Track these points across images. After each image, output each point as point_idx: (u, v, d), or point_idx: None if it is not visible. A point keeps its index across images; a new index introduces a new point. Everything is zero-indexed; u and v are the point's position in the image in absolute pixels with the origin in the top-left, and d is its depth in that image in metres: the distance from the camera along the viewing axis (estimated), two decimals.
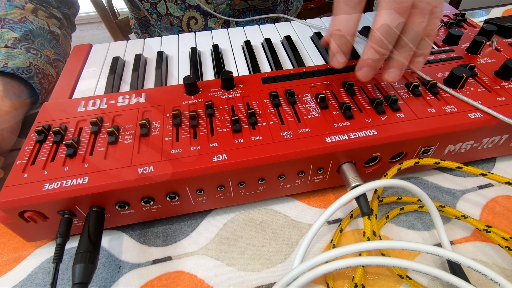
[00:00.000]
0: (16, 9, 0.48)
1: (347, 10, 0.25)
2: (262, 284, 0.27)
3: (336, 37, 0.27)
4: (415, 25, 0.25)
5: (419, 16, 0.24)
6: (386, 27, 0.24)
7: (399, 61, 0.26)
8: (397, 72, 0.27)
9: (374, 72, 0.27)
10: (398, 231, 0.30)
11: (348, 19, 0.25)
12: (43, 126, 0.29)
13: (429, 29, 0.26)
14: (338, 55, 0.27)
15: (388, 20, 0.24)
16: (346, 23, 0.26)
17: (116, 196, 0.26)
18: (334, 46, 0.27)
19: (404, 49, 0.26)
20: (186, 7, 0.57)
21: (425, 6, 0.24)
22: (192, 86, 0.32)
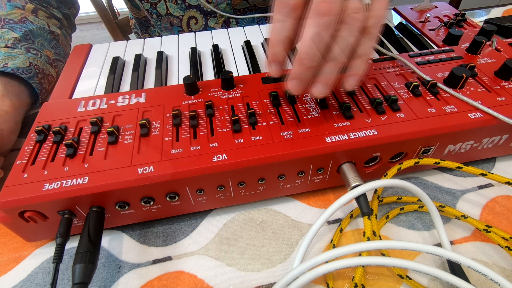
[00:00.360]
0: (16, 9, 0.48)
1: (280, 18, 0.24)
2: (262, 284, 0.27)
3: (270, 46, 0.25)
4: (341, 40, 0.24)
5: (346, 31, 0.23)
6: (309, 40, 0.23)
7: (325, 76, 0.25)
8: (323, 88, 0.25)
9: (304, 85, 0.26)
10: (398, 231, 0.30)
11: (281, 28, 0.24)
12: (43, 126, 0.29)
13: (362, 49, 0.25)
14: (273, 64, 0.26)
15: (312, 33, 0.23)
16: (279, 32, 0.24)
17: (116, 196, 0.26)
18: (269, 54, 0.26)
19: (330, 64, 0.24)
20: (186, 7, 0.57)
21: (353, 22, 0.23)
22: (192, 86, 0.32)
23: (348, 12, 0.23)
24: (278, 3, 0.23)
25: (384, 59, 0.36)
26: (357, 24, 0.23)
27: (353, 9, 0.23)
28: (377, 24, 0.25)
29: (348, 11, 0.23)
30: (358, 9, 0.23)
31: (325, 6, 0.22)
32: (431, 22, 0.45)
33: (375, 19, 0.24)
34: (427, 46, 0.40)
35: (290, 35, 0.25)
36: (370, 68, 0.35)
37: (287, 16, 0.24)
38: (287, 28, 0.24)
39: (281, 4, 0.23)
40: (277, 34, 0.24)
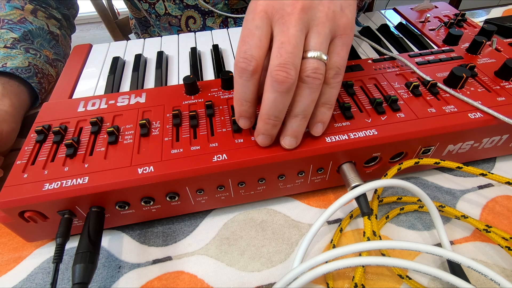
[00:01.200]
0: (16, 10, 0.48)
1: (241, 82, 0.24)
2: (262, 284, 0.27)
3: (235, 104, 0.26)
4: (303, 98, 0.24)
5: (307, 90, 0.24)
6: (269, 103, 0.23)
7: (292, 130, 0.25)
8: (292, 140, 0.26)
9: (272, 139, 0.26)
10: (398, 231, 0.30)
11: (243, 90, 0.25)
12: (43, 126, 0.29)
13: (325, 98, 0.25)
14: (241, 119, 0.26)
15: (272, 97, 0.23)
16: (242, 94, 0.25)
17: (116, 196, 0.26)
18: (236, 112, 0.26)
19: (295, 119, 0.25)
20: (184, 7, 0.57)
21: (312, 81, 0.23)
22: (192, 86, 0.32)
23: (306, 73, 0.23)
24: (238, 68, 0.24)
25: (384, 59, 0.36)
26: (317, 82, 0.23)
27: (311, 69, 0.23)
28: (338, 74, 0.25)
29: (306, 72, 0.23)
30: (316, 68, 0.23)
31: (281, 75, 0.22)
32: (431, 22, 0.45)
33: (334, 70, 0.25)
34: (427, 46, 0.40)
35: (254, 95, 0.25)
36: (370, 68, 0.35)
37: (248, 81, 0.24)
38: (249, 90, 0.24)
39: (241, 70, 0.23)
40: (241, 95, 0.25)
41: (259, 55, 0.23)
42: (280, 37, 0.23)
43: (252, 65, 0.23)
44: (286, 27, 0.23)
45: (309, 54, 0.23)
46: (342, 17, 0.24)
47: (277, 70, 0.22)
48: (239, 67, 0.23)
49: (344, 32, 0.25)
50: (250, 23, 0.24)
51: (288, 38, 0.22)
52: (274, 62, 0.22)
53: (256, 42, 0.23)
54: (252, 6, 0.25)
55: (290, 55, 0.22)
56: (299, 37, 0.23)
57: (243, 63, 0.23)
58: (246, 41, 0.24)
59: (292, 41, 0.22)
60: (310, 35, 0.24)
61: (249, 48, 0.23)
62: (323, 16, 0.24)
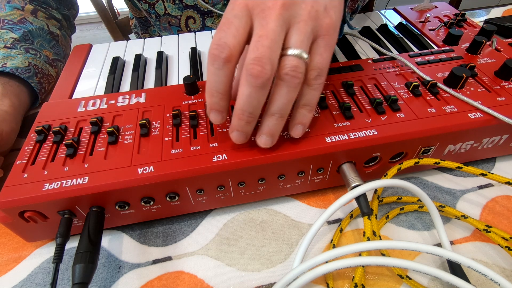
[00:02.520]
0: (16, 10, 0.48)
1: (213, 70, 0.23)
2: (262, 284, 0.27)
3: (207, 95, 0.24)
4: (281, 96, 0.23)
5: (285, 88, 0.23)
6: (244, 98, 0.22)
7: (268, 129, 0.24)
8: (268, 140, 0.25)
9: (247, 136, 0.25)
10: (398, 231, 0.30)
11: (215, 80, 0.23)
12: (43, 126, 0.29)
13: (305, 99, 0.25)
14: (212, 113, 0.25)
15: (246, 92, 0.22)
16: (214, 84, 0.23)
17: (116, 196, 0.26)
18: (207, 104, 0.25)
19: (272, 118, 0.24)
20: (184, 7, 0.57)
21: (291, 80, 0.22)
22: (192, 86, 0.32)
23: (285, 70, 0.22)
24: (210, 55, 0.23)
25: (384, 59, 0.36)
26: (295, 81, 0.23)
27: (289, 67, 0.22)
28: (319, 76, 0.24)
29: (285, 69, 0.22)
30: (295, 66, 0.22)
31: (256, 69, 0.21)
32: (431, 22, 0.45)
33: (316, 71, 0.24)
34: (427, 46, 0.40)
35: (226, 86, 0.24)
36: (370, 68, 0.35)
37: (220, 69, 0.23)
38: (220, 80, 0.23)
39: (213, 56, 0.22)
40: (212, 84, 0.24)
41: (233, 44, 0.22)
42: (259, 31, 0.22)
43: (225, 53, 0.22)
44: (266, 21, 0.22)
45: (289, 52, 0.22)
46: (326, 18, 0.24)
47: (252, 64, 0.21)
48: (211, 54, 0.22)
49: (327, 33, 0.24)
50: (229, 13, 0.23)
51: (266, 32, 0.22)
52: (250, 56, 0.22)
53: (232, 31, 0.22)
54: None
55: (267, 49, 0.21)
56: (278, 33, 0.22)
57: (216, 49, 0.22)
58: (222, 29, 0.23)
59: (271, 35, 0.22)
60: (290, 32, 0.23)
61: (224, 35, 0.22)
62: (305, 14, 0.23)
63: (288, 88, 0.23)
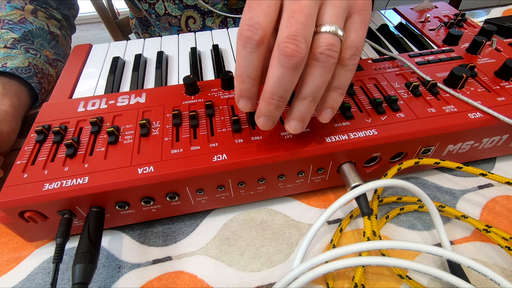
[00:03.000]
0: (16, 10, 0.48)
1: (244, 54, 0.21)
2: (262, 284, 0.27)
3: (236, 82, 0.23)
4: (314, 78, 0.21)
5: (319, 69, 0.21)
6: (274, 80, 0.21)
7: (298, 113, 0.23)
8: (298, 125, 0.24)
9: (274, 122, 0.23)
10: (398, 231, 0.30)
11: (246, 64, 0.21)
12: (43, 126, 0.29)
13: (338, 81, 0.23)
14: (242, 100, 0.23)
15: (278, 73, 0.20)
16: (245, 69, 0.22)
17: (116, 196, 0.26)
18: (237, 91, 0.23)
19: (303, 102, 0.22)
20: (184, 7, 0.58)
21: (326, 59, 0.21)
22: (192, 86, 0.32)
23: (320, 49, 0.20)
24: (241, 37, 0.21)
25: (384, 59, 0.36)
26: (331, 61, 0.21)
27: (325, 45, 0.20)
28: (355, 55, 0.22)
29: (320, 47, 0.20)
30: (331, 44, 0.20)
31: (290, 48, 0.19)
32: (431, 22, 0.45)
33: (352, 50, 0.22)
34: (427, 46, 0.40)
35: (258, 71, 0.22)
36: (370, 68, 0.35)
37: (252, 52, 0.21)
38: (253, 64, 0.21)
39: (245, 38, 0.21)
40: (243, 69, 0.22)
41: (266, 23, 0.20)
42: (291, 6, 0.20)
43: (259, 34, 0.20)
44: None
45: (323, 29, 0.21)
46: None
47: (286, 42, 0.19)
48: (243, 36, 0.21)
49: (363, 9, 0.22)
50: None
51: (300, 7, 0.20)
52: (283, 33, 0.20)
53: (264, 9, 0.20)
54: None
55: (301, 26, 0.20)
56: (312, 8, 0.20)
57: (248, 31, 0.20)
58: (252, 7, 0.21)
59: (305, 10, 0.20)
60: (324, 7, 0.21)
61: (255, 15, 0.20)
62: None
63: (323, 68, 0.21)
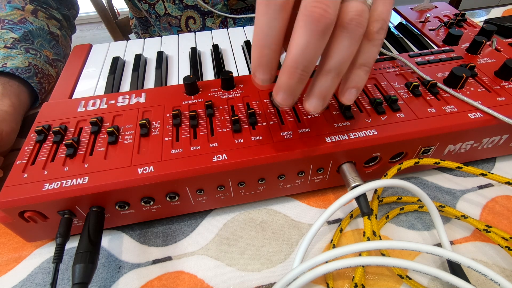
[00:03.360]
0: (16, 10, 0.48)
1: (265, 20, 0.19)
2: (262, 284, 0.27)
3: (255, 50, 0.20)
4: (341, 50, 0.20)
5: (346, 40, 0.19)
6: (299, 48, 0.19)
7: (320, 89, 0.21)
8: (318, 103, 0.21)
9: (294, 98, 0.21)
10: (398, 231, 0.30)
11: (267, 32, 0.19)
12: (43, 126, 0.29)
13: (364, 58, 0.21)
14: (260, 69, 0.21)
15: (303, 40, 0.18)
16: (265, 36, 0.20)
17: (116, 196, 0.26)
18: (254, 59, 0.21)
19: (327, 77, 0.21)
20: (184, 7, 0.58)
21: (354, 28, 0.19)
22: (192, 86, 0.32)
23: (349, 16, 0.19)
24: (262, 2, 0.19)
25: (384, 59, 0.36)
26: (360, 30, 0.19)
27: (354, 12, 0.19)
28: (383, 29, 0.21)
29: (349, 14, 0.19)
30: (360, 11, 0.19)
31: (317, 11, 0.18)
32: (431, 22, 0.45)
33: (379, 22, 0.20)
34: (427, 46, 0.40)
35: (280, 38, 0.20)
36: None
37: (275, 15, 0.19)
38: (275, 31, 0.19)
39: (266, 3, 0.19)
40: (263, 36, 0.20)
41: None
42: None
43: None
44: None
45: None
46: None
47: (313, 5, 0.18)
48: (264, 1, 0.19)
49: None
50: None
51: None
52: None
53: None
54: None
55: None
56: None
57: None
58: None
59: None
60: None
61: None
62: None
63: (350, 39, 0.19)
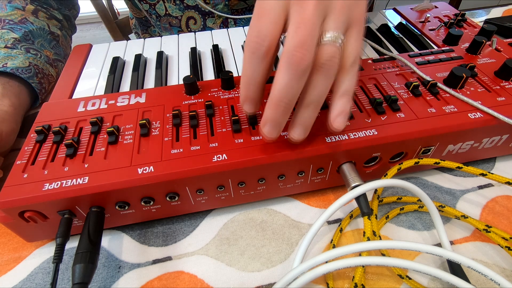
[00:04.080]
0: (17, 10, 0.48)
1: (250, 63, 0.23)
2: (262, 284, 0.27)
3: (242, 87, 0.24)
4: (318, 86, 0.22)
5: (322, 77, 0.22)
6: (282, 85, 0.22)
7: (303, 120, 0.24)
8: (302, 131, 0.24)
9: (280, 129, 0.24)
10: (398, 231, 0.30)
11: (252, 73, 0.23)
12: (43, 126, 0.29)
13: (345, 87, 0.24)
14: (246, 103, 0.25)
15: (285, 79, 0.21)
16: (251, 76, 0.23)
17: (116, 196, 0.26)
18: (242, 95, 0.25)
19: (308, 109, 0.24)
20: (185, 7, 0.57)
21: (329, 68, 0.22)
22: (192, 86, 0.32)
23: (323, 58, 0.22)
24: (250, 47, 0.22)
25: (384, 59, 0.36)
26: (333, 69, 0.22)
27: (327, 55, 0.22)
28: (355, 62, 0.24)
29: (323, 57, 0.22)
30: (332, 54, 0.22)
31: (297, 56, 0.21)
32: (431, 22, 0.45)
33: (351, 58, 0.23)
34: (427, 46, 0.40)
35: (263, 78, 0.24)
36: (370, 68, 0.35)
37: (260, 61, 0.22)
38: (259, 72, 0.23)
39: (253, 49, 0.22)
40: (250, 77, 0.24)
41: (272, 34, 0.22)
42: (297, 17, 0.21)
43: (266, 44, 0.22)
44: (303, 8, 0.21)
45: (327, 35, 0.22)
46: (357, 7, 0.24)
47: (293, 51, 0.21)
48: (251, 47, 0.22)
49: (358, 22, 0.24)
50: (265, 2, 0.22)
51: (305, 18, 0.21)
52: (290, 42, 0.21)
53: (271, 20, 0.22)
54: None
55: (308, 36, 0.21)
56: (316, 19, 0.21)
57: (256, 42, 0.22)
58: (259, 19, 0.22)
59: (310, 21, 0.21)
60: (327, 20, 0.22)
61: (263, 26, 0.22)
62: (339, 4, 0.23)
63: (326, 76, 0.22)
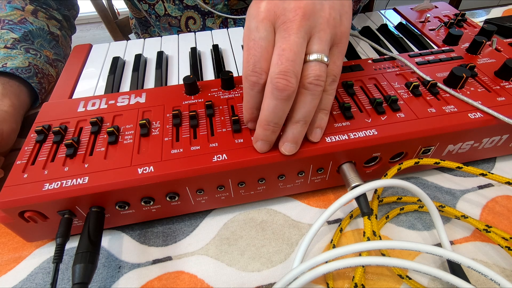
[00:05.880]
0: (16, 10, 0.48)
1: (246, 91, 0.25)
2: (262, 284, 0.27)
3: (244, 111, 0.27)
4: (306, 104, 0.24)
5: (309, 96, 0.24)
6: (269, 109, 0.24)
7: (292, 136, 0.25)
8: (292, 146, 0.26)
9: (271, 145, 0.26)
10: (398, 231, 0.30)
11: (249, 99, 0.25)
12: (43, 126, 0.29)
13: (323, 104, 0.26)
14: (250, 123, 0.28)
15: (272, 104, 0.23)
16: (250, 101, 0.26)
17: (116, 196, 0.26)
18: (245, 117, 0.27)
19: (296, 125, 0.25)
20: (184, 7, 0.57)
21: (315, 88, 0.23)
22: (192, 86, 0.32)
23: (309, 79, 0.23)
24: (249, 81, 0.24)
25: (384, 59, 0.36)
26: (319, 88, 0.24)
27: (313, 76, 0.23)
28: (334, 81, 0.26)
29: (309, 77, 0.23)
30: (318, 76, 0.23)
31: (281, 83, 0.22)
32: (431, 22, 0.45)
33: (331, 77, 0.25)
34: (427, 46, 0.40)
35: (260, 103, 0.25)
36: (370, 68, 0.35)
37: (259, 92, 0.24)
38: (258, 100, 0.25)
39: (252, 83, 0.24)
40: (251, 104, 0.26)
41: (267, 67, 0.23)
42: (281, 44, 0.23)
43: (263, 78, 0.24)
44: (288, 33, 0.23)
45: (311, 57, 0.23)
46: (341, 25, 0.25)
47: (278, 78, 0.22)
48: (251, 81, 0.24)
49: (340, 41, 0.25)
50: (254, 33, 0.24)
51: (289, 45, 0.22)
52: (275, 70, 0.22)
53: (264, 54, 0.23)
54: (254, 12, 0.24)
55: (291, 63, 0.22)
56: (300, 44, 0.23)
57: (254, 77, 0.24)
58: (253, 53, 0.24)
59: (294, 48, 0.22)
60: (312, 41, 0.24)
61: (257, 61, 0.23)
62: (324, 23, 0.24)
63: (312, 96, 0.24)
